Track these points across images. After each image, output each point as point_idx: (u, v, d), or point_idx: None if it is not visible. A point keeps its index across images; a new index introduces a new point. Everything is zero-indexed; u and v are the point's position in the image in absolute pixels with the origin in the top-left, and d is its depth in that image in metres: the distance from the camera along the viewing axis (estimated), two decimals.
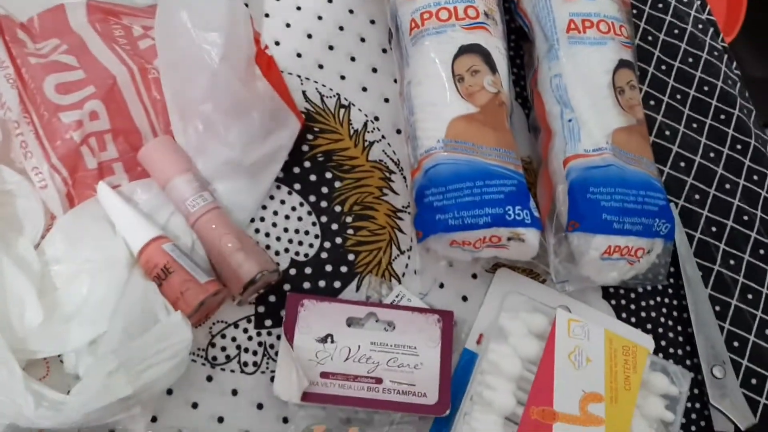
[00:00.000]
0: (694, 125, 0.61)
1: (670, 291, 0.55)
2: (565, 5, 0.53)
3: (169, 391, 0.46)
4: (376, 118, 0.56)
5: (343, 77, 0.56)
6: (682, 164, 0.59)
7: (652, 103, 0.61)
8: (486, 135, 0.48)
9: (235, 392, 0.47)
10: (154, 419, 0.46)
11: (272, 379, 0.47)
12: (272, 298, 0.50)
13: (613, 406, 0.43)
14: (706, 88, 0.62)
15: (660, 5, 0.65)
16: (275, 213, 0.52)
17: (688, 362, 0.53)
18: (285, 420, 0.47)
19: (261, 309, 0.50)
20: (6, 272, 0.44)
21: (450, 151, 0.47)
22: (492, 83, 0.49)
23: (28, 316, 0.43)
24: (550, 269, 0.49)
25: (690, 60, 0.63)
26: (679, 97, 0.61)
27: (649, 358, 0.45)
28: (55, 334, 0.44)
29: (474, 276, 0.53)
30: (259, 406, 0.47)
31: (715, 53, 0.64)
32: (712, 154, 0.60)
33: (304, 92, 0.55)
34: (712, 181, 0.59)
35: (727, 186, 0.59)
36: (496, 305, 0.51)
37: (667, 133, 0.60)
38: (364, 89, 0.56)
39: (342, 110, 0.55)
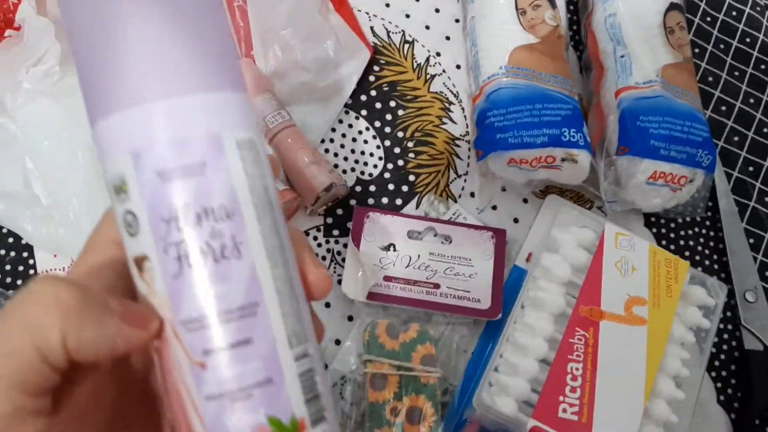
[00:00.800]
0: (736, 73, 0.64)
1: (708, 223, 0.58)
2: None
3: None
4: (438, 54, 0.59)
5: (407, 16, 0.60)
6: (723, 108, 0.62)
7: (697, 50, 0.63)
8: (545, 63, 0.51)
9: None
10: None
11: (339, 282, 0.51)
12: (339, 211, 0.54)
13: (655, 309, 0.47)
14: (748, 40, 0.65)
15: None
16: (343, 135, 0.56)
17: None
18: (350, 318, 0.51)
19: (329, 220, 0.54)
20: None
21: (511, 76, 0.51)
22: (552, 17, 0.53)
23: None
24: (600, 191, 0.53)
25: (733, 13, 0.66)
26: (722, 46, 0.64)
27: (689, 271, 0.49)
28: None
29: (525, 200, 0.56)
30: (327, 305, 0.51)
31: (758, 8, 0.66)
32: (751, 100, 0.63)
33: (371, 28, 0.59)
34: (751, 124, 0.62)
35: (765, 130, 0.62)
36: (546, 227, 0.54)
37: (710, 79, 0.63)
38: (427, 27, 0.60)
39: (406, 45, 0.59)
